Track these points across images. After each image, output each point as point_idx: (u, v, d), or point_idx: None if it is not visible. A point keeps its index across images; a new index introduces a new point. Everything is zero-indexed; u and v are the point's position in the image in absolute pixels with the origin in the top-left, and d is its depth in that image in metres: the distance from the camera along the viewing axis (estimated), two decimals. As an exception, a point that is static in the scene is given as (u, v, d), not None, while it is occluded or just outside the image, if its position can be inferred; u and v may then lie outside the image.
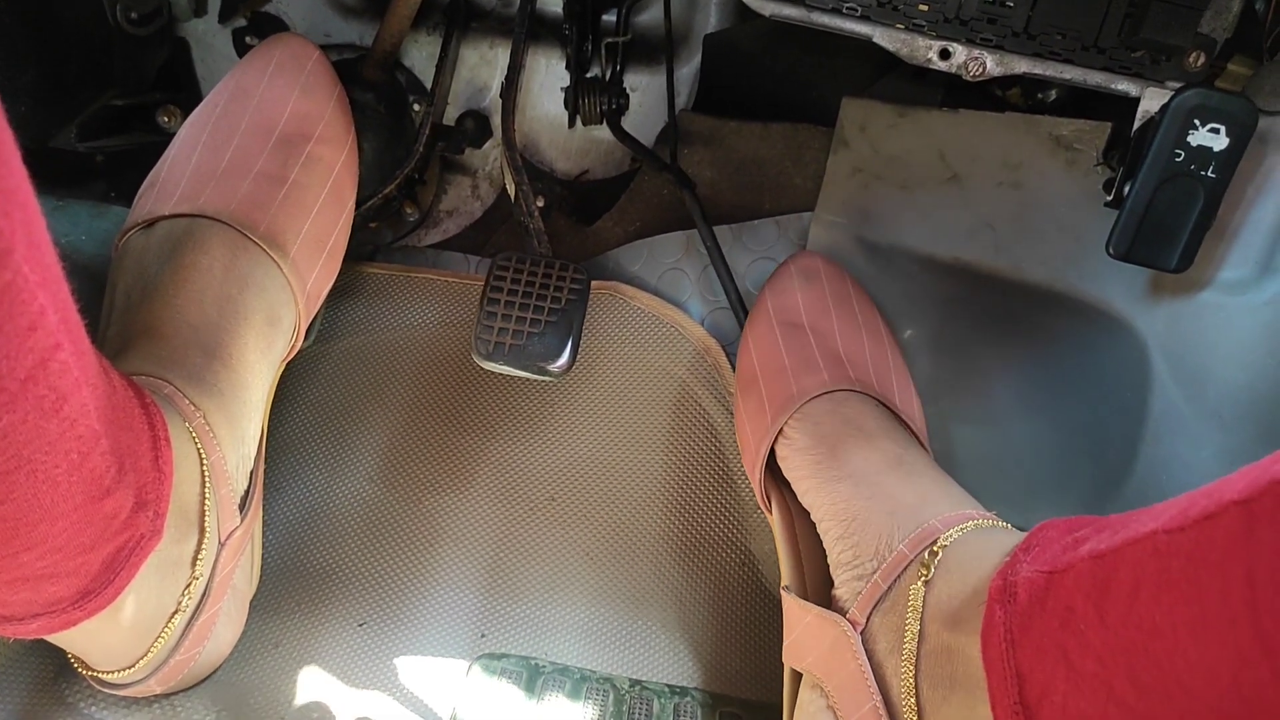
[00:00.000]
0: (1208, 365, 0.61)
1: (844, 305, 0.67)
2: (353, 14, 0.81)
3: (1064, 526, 0.40)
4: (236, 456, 0.53)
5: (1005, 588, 0.39)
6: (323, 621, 0.60)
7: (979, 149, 0.70)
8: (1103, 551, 0.34)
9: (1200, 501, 0.30)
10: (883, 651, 0.47)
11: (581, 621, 0.62)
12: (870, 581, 0.48)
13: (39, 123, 0.66)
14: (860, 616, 0.48)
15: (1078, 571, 0.35)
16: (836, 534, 0.52)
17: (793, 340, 0.63)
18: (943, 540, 0.47)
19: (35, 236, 0.31)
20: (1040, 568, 0.38)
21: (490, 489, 0.68)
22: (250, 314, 0.55)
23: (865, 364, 0.62)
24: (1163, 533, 0.31)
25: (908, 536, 0.48)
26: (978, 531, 0.47)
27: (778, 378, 0.61)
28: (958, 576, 0.44)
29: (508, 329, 0.61)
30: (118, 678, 0.50)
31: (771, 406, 0.60)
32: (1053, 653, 0.35)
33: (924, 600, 0.45)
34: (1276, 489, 0.27)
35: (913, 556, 0.47)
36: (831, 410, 0.58)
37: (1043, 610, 0.37)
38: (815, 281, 0.68)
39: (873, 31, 0.58)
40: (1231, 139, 0.53)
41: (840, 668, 0.48)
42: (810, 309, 0.65)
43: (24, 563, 0.37)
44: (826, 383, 0.59)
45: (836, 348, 0.62)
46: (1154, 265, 0.56)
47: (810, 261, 0.69)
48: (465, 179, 0.84)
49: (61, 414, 0.35)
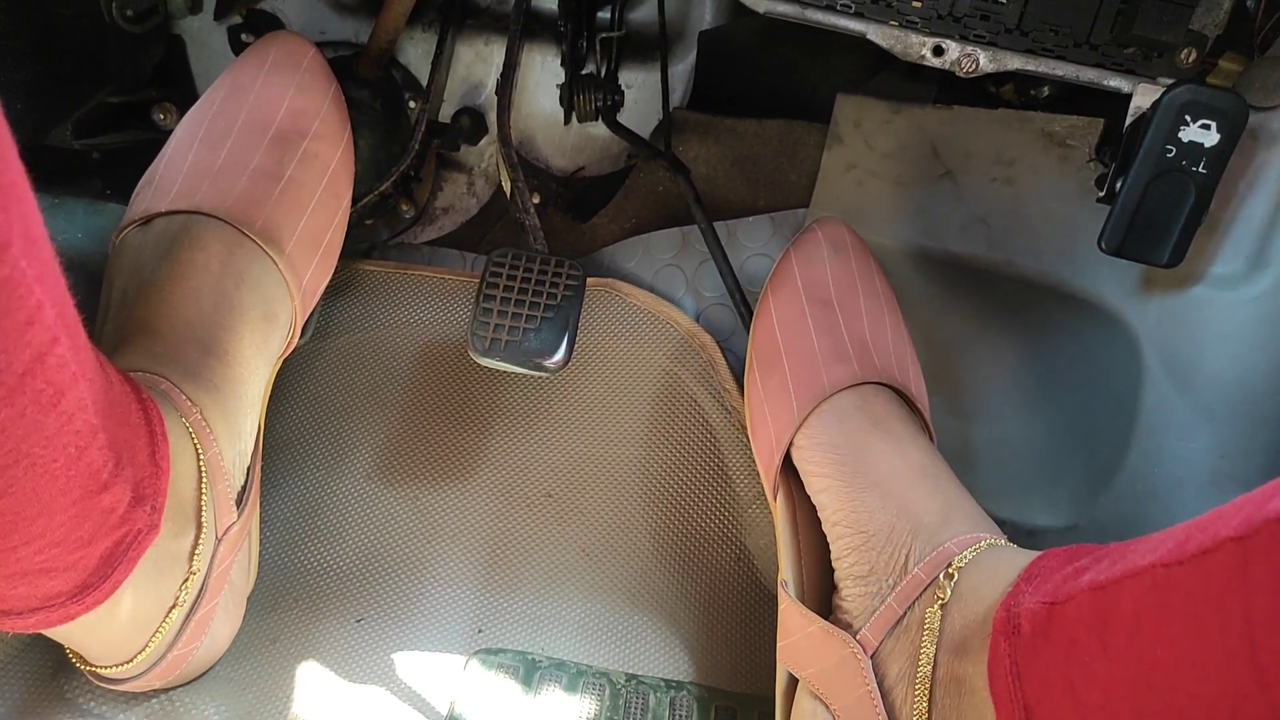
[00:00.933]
0: (1199, 359, 0.62)
1: (869, 282, 0.64)
2: (348, 11, 0.81)
3: (1064, 556, 0.41)
4: (233, 452, 0.53)
5: (1009, 619, 0.39)
6: (320, 617, 0.61)
7: (972, 145, 0.70)
8: (1102, 583, 0.34)
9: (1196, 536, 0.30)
10: (893, 677, 0.46)
11: (578, 616, 0.63)
12: (886, 604, 0.48)
13: (35, 120, 0.66)
14: (873, 639, 0.47)
15: (1079, 603, 0.36)
16: (852, 544, 0.51)
17: (823, 321, 0.61)
18: (956, 563, 0.46)
19: (33, 231, 0.31)
20: (1042, 599, 0.38)
21: (487, 485, 0.68)
22: (246, 310, 0.55)
23: (888, 350, 0.60)
24: (1160, 566, 0.31)
25: (925, 558, 0.48)
26: (989, 552, 0.47)
27: (806, 362, 0.59)
28: (969, 603, 0.44)
29: (504, 325, 0.61)
30: (116, 672, 0.50)
31: (799, 395, 0.58)
32: (1059, 685, 0.36)
33: (939, 627, 0.45)
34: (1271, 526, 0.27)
35: (929, 580, 0.47)
36: (860, 406, 0.56)
37: (1047, 642, 0.37)
38: (844, 255, 0.65)
39: (866, 28, 0.59)
40: (1222, 135, 0.53)
41: (847, 689, 0.48)
42: (839, 284, 0.63)
43: (22, 557, 0.38)
44: (857, 375, 0.57)
45: (863, 331, 0.61)
46: (1146, 260, 0.56)
47: (838, 231, 0.67)
48: (461, 176, 0.84)
49: (59, 408, 0.35)
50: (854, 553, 0.51)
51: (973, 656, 0.42)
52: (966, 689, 0.42)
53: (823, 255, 0.65)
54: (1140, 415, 0.64)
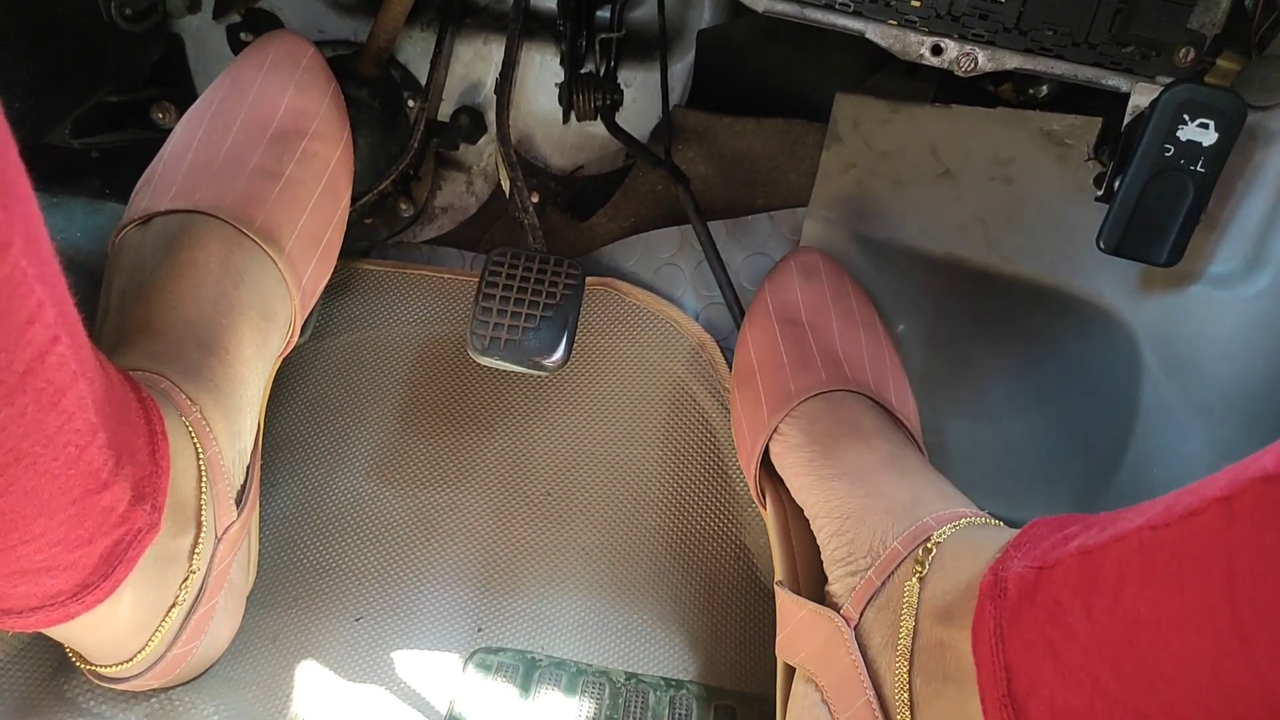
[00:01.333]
0: (1197, 358, 0.62)
1: (843, 303, 0.67)
2: (347, 10, 0.81)
3: (1054, 524, 0.41)
4: (233, 451, 0.53)
5: (996, 583, 0.39)
6: (319, 616, 0.61)
7: (971, 144, 0.70)
8: (1090, 547, 0.35)
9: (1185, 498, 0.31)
10: (876, 647, 0.47)
11: (577, 615, 0.63)
12: (864, 578, 0.49)
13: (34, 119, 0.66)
14: (854, 612, 0.48)
15: (1066, 566, 0.36)
16: (831, 531, 0.52)
17: (791, 338, 0.63)
18: (936, 537, 0.47)
19: (33, 230, 0.31)
20: (1030, 563, 0.38)
21: (486, 483, 0.68)
22: (246, 309, 0.55)
23: (862, 364, 0.62)
24: (1148, 528, 0.32)
25: (902, 534, 0.48)
26: (970, 528, 0.48)
27: (775, 374, 0.61)
28: (951, 572, 0.45)
29: (503, 324, 0.61)
30: (116, 671, 0.50)
31: (768, 403, 0.60)
32: (1040, 646, 0.36)
33: (919, 596, 0.46)
34: (1256, 486, 0.28)
35: (906, 553, 0.48)
36: (827, 410, 0.58)
37: (1031, 605, 0.37)
38: (815, 279, 0.68)
39: (865, 27, 0.59)
40: (1220, 134, 0.53)
41: (834, 663, 0.49)
42: (810, 306, 0.66)
43: (22, 556, 0.38)
44: (824, 382, 0.59)
45: (834, 347, 0.63)
46: (1144, 259, 0.56)
47: (810, 258, 0.70)
48: (460, 175, 0.84)
49: (59, 407, 0.35)
50: (834, 538, 0.52)
51: (957, 622, 0.42)
52: (951, 653, 0.42)
53: (794, 281, 0.67)
54: (1139, 414, 0.64)
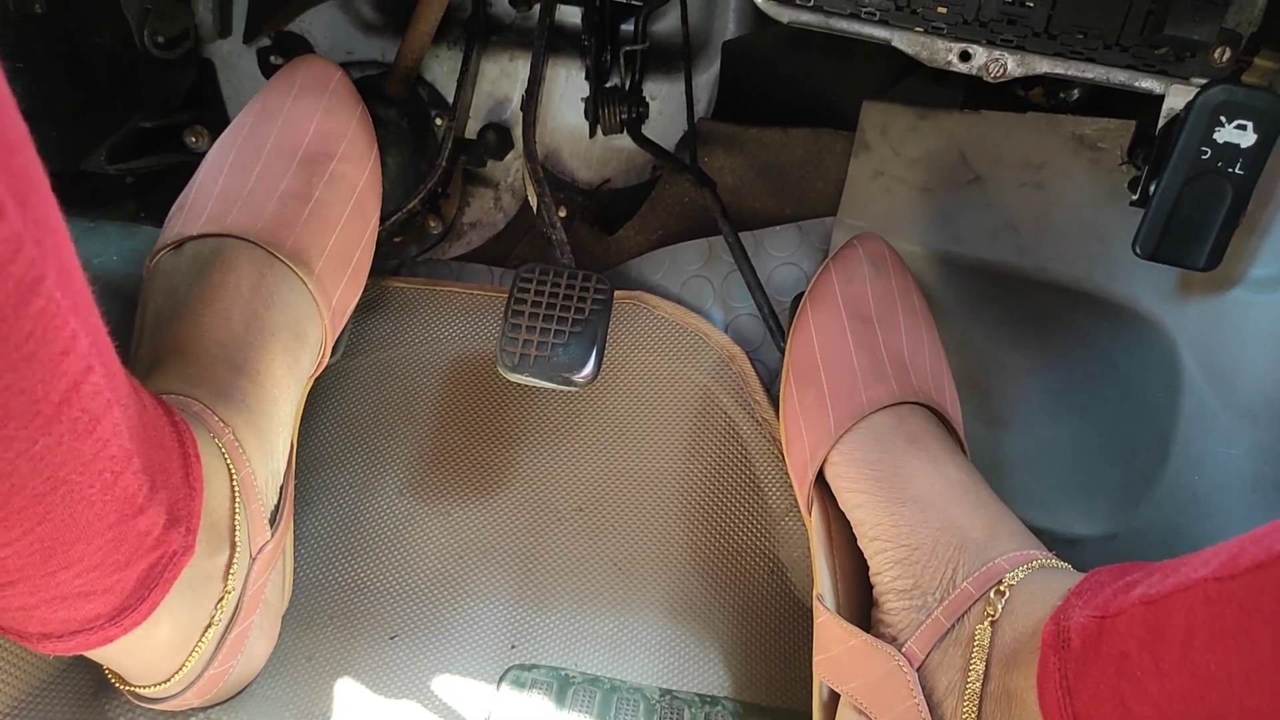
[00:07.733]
0: (1238, 363, 0.60)
1: (909, 300, 0.64)
2: (374, 31, 0.82)
3: (1115, 572, 0.41)
4: (266, 471, 0.54)
5: (1059, 633, 0.39)
6: (355, 634, 0.61)
7: (1001, 150, 0.69)
8: (1154, 597, 0.34)
9: (1250, 549, 0.30)
10: (941, 690, 0.46)
11: (611, 631, 0.63)
12: (933, 617, 0.47)
13: (70, 146, 0.67)
14: (919, 652, 0.47)
15: (1130, 616, 0.36)
16: (895, 558, 0.51)
17: (862, 337, 0.61)
18: (1009, 579, 0.46)
19: (66, 262, 0.32)
20: (1092, 612, 0.38)
21: (518, 500, 0.68)
22: (277, 330, 0.56)
23: (925, 370, 0.60)
24: (1213, 580, 0.31)
25: (974, 574, 0.47)
26: (1040, 572, 0.47)
27: (844, 378, 0.59)
28: (1021, 618, 0.44)
29: (532, 340, 0.61)
30: (154, 692, 0.51)
31: (835, 411, 0.58)
32: (1110, 699, 0.36)
33: (990, 641, 0.45)
34: None
35: (979, 595, 0.47)
36: (896, 425, 0.56)
37: (1097, 656, 0.37)
38: (884, 271, 0.65)
39: (891, 35, 0.58)
40: (1259, 135, 0.52)
41: (893, 702, 0.47)
42: (879, 301, 0.63)
43: (61, 581, 0.38)
44: (895, 394, 0.57)
45: (902, 350, 0.61)
46: (1182, 264, 0.55)
47: (878, 247, 0.66)
48: (488, 191, 0.84)
49: (94, 435, 0.35)
50: (896, 566, 0.51)
51: (1023, 670, 0.42)
52: (1017, 703, 0.42)
53: (863, 272, 0.64)
54: (1179, 421, 0.63)
